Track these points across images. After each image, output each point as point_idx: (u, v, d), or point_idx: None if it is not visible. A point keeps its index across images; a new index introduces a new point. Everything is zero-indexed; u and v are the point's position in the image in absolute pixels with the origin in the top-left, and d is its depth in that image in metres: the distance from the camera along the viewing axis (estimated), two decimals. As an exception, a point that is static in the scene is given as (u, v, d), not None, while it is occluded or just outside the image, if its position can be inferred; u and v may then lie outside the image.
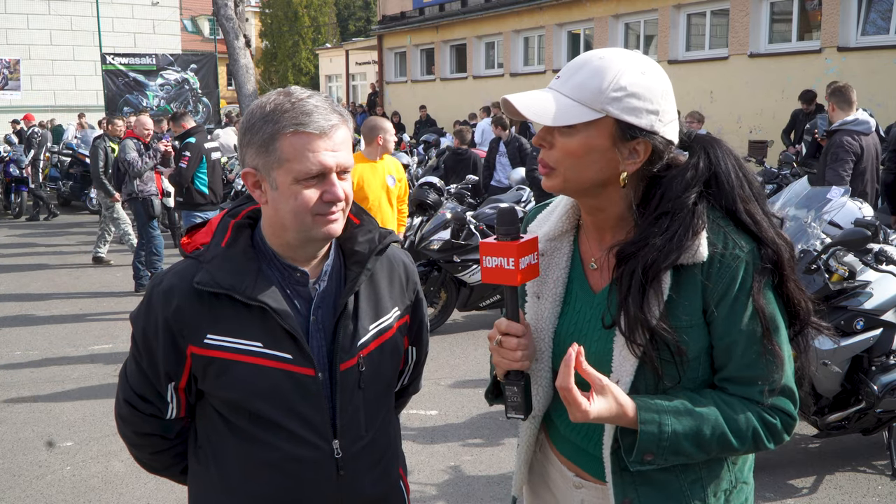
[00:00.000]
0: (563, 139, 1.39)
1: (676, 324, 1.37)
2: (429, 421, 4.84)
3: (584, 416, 1.33)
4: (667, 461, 1.38)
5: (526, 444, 1.63)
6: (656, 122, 1.37)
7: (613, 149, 1.38)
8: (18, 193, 13.78)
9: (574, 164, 1.39)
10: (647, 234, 1.38)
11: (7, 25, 21.71)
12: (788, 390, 1.41)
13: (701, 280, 1.37)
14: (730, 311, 1.37)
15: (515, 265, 1.40)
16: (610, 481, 1.44)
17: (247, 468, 1.55)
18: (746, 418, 1.37)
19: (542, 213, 1.63)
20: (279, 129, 1.45)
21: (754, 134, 12.58)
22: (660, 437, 1.34)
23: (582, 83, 1.37)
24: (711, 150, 1.44)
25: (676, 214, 1.37)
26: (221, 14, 13.82)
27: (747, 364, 1.38)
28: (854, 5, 11.70)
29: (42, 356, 6.16)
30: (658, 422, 1.34)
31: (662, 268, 1.36)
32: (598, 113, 1.35)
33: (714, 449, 1.38)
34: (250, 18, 38.00)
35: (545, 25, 17.33)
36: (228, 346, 1.50)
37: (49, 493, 3.96)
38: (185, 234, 1.67)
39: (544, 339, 1.52)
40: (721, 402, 1.38)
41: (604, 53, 1.40)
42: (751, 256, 1.38)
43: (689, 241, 1.35)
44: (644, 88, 1.36)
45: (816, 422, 3.87)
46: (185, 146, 7.65)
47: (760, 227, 1.39)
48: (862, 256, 3.81)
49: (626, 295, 1.37)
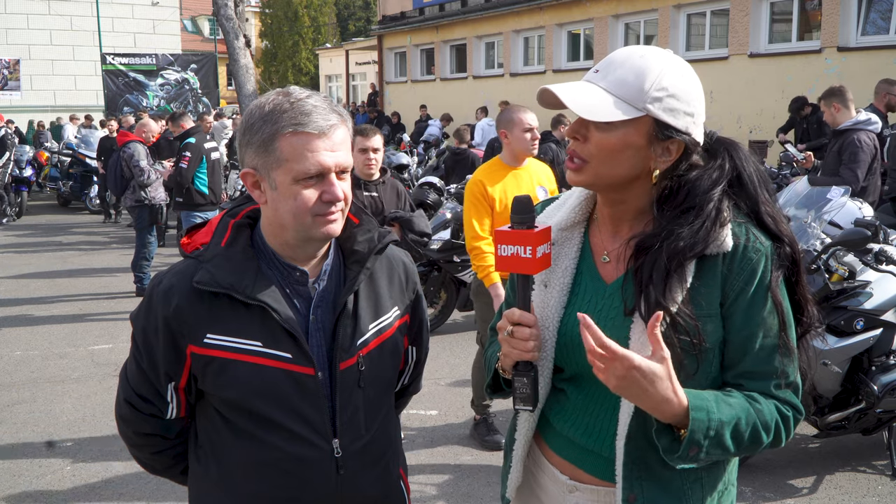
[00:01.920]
0: (600, 134, 1.40)
1: (698, 312, 1.38)
2: (429, 421, 4.84)
3: (626, 368, 1.25)
4: (708, 455, 1.34)
5: (524, 441, 1.60)
6: (691, 124, 1.41)
7: (648, 147, 1.40)
8: (18, 193, 13.77)
9: (608, 158, 1.41)
10: (673, 227, 1.40)
11: (7, 25, 21.74)
12: (796, 385, 1.43)
13: (722, 271, 1.39)
14: (749, 303, 1.39)
15: (533, 254, 1.40)
16: (620, 474, 1.43)
17: (247, 468, 1.55)
18: (770, 411, 1.39)
19: (550, 206, 1.64)
20: (278, 130, 1.45)
21: (754, 134, 12.59)
22: (708, 426, 1.31)
23: (624, 80, 1.39)
24: (735, 152, 1.47)
25: (703, 208, 1.39)
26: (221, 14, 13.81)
27: (764, 358, 1.39)
28: (854, 5, 11.70)
29: (42, 356, 6.16)
30: (706, 409, 1.31)
31: (689, 256, 1.37)
32: (639, 111, 1.37)
33: (746, 442, 1.37)
34: (250, 18, 38.03)
35: (545, 25, 17.33)
36: (228, 345, 1.50)
37: (49, 493, 3.96)
38: (185, 234, 1.67)
39: (549, 329, 1.52)
40: (744, 397, 1.39)
41: (644, 52, 1.41)
42: (770, 251, 1.41)
43: (716, 232, 1.38)
44: (683, 91, 1.39)
45: (816, 422, 3.87)
46: (185, 146, 7.65)
47: (780, 228, 1.43)
48: (862, 256, 3.82)
49: (647, 282, 1.38)
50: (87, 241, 11.65)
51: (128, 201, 8.24)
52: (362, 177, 4.35)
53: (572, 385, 1.53)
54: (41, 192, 16.65)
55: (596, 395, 1.49)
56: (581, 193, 1.58)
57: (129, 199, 8.18)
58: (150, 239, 8.15)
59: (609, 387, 1.31)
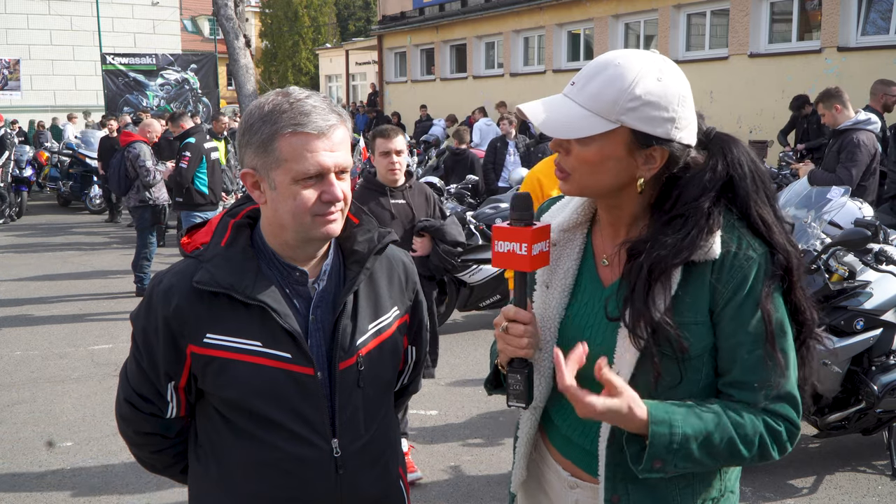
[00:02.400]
0: (579, 147, 1.40)
1: (680, 320, 1.37)
2: (429, 421, 4.84)
3: (592, 412, 1.30)
4: (676, 468, 1.34)
5: (525, 438, 1.61)
6: (672, 130, 1.37)
7: (629, 157, 1.39)
8: (18, 193, 13.77)
9: (590, 170, 1.40)
10: (659, 234, 1.39)
11: (7, 25, 21.74)
12: (792, 398, 1.39)
13: (710, 279, 1.38)
14: (737, 312, 1.37)
15: (528, 251, 1.40)
16: (602, 475, 1.44)
17: (246, 467, 1.55)
18: (753, 424, 1.36)
19: (556, 205, 1.64)
20: (277, 130, 1.45)
21: (754, 134, 12.58)
22: (671, 440, 1.31)
23: (597, 93, 1.36)
24: (729, 152, 1.44)
25: (690, 217, 1.38)
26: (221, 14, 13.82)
27: (751, 367, 1.37)
28: (854, 5, 11.70)
29: (42, 356, 6.16)
30: (668, 422, 1.32)
31: (672, 265, 1.36)
32: (612, 123, 1.35)
33: (723, 456, 1.35)
34: (250, 18, 38.01)
35: (545, 25, 17.33)
36: (228, 345, 1.50)
37: (49, 493, 3.96)
38: (185, 234, 1.68)
39: (550, 329, 1.52)
40: (727, 408, 1.37)
41: (621, 59, 1.38)
42: (763, 259, 1.38)
43: (703, 240, 1.36)
44: (659, 97, 1.35)
45: (816, 422, 3.87)
46: (185, 146, 7.66)
47: (772, 233, 1.40)
48: (862, 256, 3.82)
49: (632, 288, 1.38)
50: (87, 241, 11.65)
51: (131, 201, 8.17)
52: (386, 183, 3.85)
53: None
54: (41, 192, 16.64)
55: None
56: None
57: (133, 199, 8.12)
58: (152, 239, 8.16)
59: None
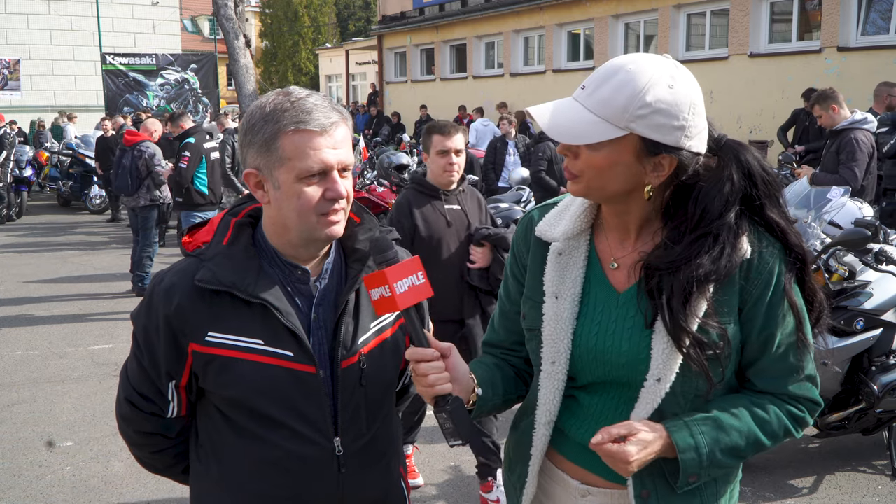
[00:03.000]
0: (588, 151, 1.39)
1: (723, 319, 1.40)
2: (429, 421, 4.83)
3: (634, 465, 1.36)
4: (710, 476, 1.45)
5: (539, 456, 1.58)
6: (682, 138, 1.36)
7: (638, 163, 1.38)
8: (18, 193, 13.77)
9: (598, 175, 1.40)
10: (689, 254, 1.38)
11: (7, 25, 21.72)
12: (812, 377, 1.48)
13: (740, 278, 1.41)
14: (769, 306, 1.42)
15: (392, 291, 1.38)
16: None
17: (248, 466, 1.55)
18: (778, 418, 1.45)
19: (550, 213, 1.60)
20: (280, 128, 1.45)
21: (754, 134, 12.59)
22: (700, 463, 1.40)
23: (607, 99, 1.35)
24: (744, 159, 1.43)
25: (720, 235, 1.38)
26: (221, 14, 13.83)
27: (781, 355, 1.43)
28: (854, 5, 11.70)
29: (42, 356, 6.16)
30: (695, 447, 1.39)
31: (714, 280, 1.38)
32: (621, 130, 1.35)
33: (749, 454, 1.46)
34: (250, 18, 38.01)
35: (545, 25, 17.34)
36: (229, 343, 1.50)
37: (49, 493, 3.96)
38: (187, 233, 1.68)
39: (563, 340, 1.50)
40: (752, 406, 1.44)
41: (633, 64, 1.36)
42: (781, 253, 1.43)
43: (736, 252, 1.39)
44: (670, 104, 1.34)
45: (816, 422, 3.88)
46: (185, 146, 7.65)
47: (787, 235, 1.44)
48: (862, 256, 3.82)
49: (668, 296, 1.38)
50: (87, 241, 11.65)
51: (141, 200, 8.15)
52: (440, 185, 3.49)
53: (584, 392, 1.54)
54: (41, 192, 16.63)
55: (609, 401, 1.50)
56: (583, 200, 1.55)
57: (144, 198, 8.12)
58: (155, 238, 8.19)
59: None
